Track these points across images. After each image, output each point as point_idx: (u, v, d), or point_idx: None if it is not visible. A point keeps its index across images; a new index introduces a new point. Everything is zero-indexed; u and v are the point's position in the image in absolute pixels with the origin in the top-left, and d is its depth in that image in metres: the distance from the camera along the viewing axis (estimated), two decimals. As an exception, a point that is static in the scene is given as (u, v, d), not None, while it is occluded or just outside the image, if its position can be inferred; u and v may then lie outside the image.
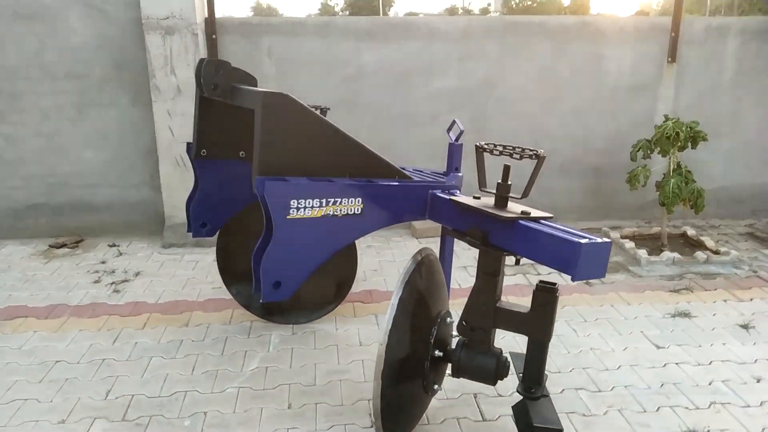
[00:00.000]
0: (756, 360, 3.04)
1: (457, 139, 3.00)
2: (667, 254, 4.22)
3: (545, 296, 2.09)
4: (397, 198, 2.39)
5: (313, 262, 2.26)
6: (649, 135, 4.33)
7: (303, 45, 4.62)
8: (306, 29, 4.60)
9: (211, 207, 2.99)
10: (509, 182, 2.14)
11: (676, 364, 3.01)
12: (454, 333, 2.41)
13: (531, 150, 2.08)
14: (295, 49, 4.62)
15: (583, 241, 1.81)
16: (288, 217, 2.15)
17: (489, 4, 30.24)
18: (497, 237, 2.09)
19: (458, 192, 2.49)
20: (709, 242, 4.44)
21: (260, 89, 2.29)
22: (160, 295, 3.87)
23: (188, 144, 3.04)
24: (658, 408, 2.65)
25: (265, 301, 2.18)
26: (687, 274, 4.10)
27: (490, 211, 2.07)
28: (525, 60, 4.75)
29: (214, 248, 3.48)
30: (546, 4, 25.75)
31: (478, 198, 2.27)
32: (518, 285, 3.96)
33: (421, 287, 2.24)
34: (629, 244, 4.45)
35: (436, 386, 2.37)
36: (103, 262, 4.39)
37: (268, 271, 2.16)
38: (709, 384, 2.84)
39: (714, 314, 3.55)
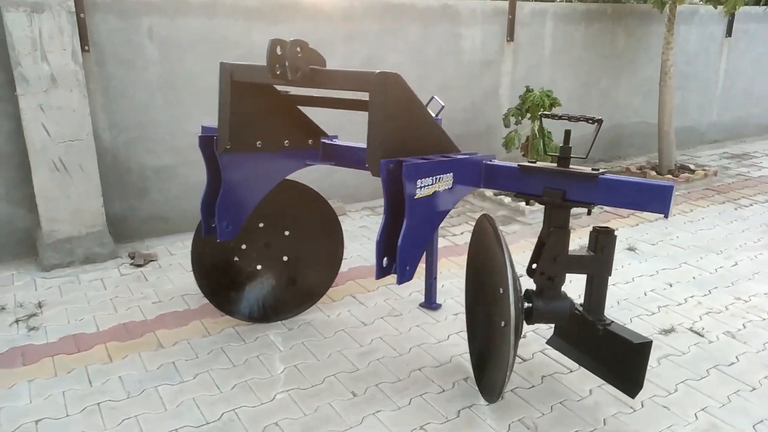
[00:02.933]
0: (657, 271, 3.98)
1: (437, 115, 3.22)
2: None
3: (606, 238, 2.51)
4: (469, 170, 2.54)
5: (426, 240, 2.31)
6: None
7: (188, 25, 4.19)
8: (191, 7, 4.18)
9: (235, 205, 2.69)
10: (570, 145, 2.50)
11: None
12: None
13: (589, 116, 2.46)
14: (179, 30, 4.17)
15: (670, 184, 2.27)
16: (415, 197, 2.16)
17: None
18: (575, 193, 2.43)
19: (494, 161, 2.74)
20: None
21: (365, 70, 2.19)
22: (94, 322, 3.28)
23: (205, 137, 2.66)
24: (631, 319, 3.34)
25: (400, 283, 2.18)
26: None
27: (575, 171, 2.40)
28: (399, 40, 5.07)
29: (113, 261, 3.10)
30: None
31: (534, 162, 2.57)
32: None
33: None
34: (507, 200, 5.19)
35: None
36: (-23, 300, 3.49)
37: (403, 254, 2.15)
38: (645, 294, 3.65)
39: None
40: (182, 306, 3.49)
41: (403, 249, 2.15)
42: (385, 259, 2.21)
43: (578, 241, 4.31)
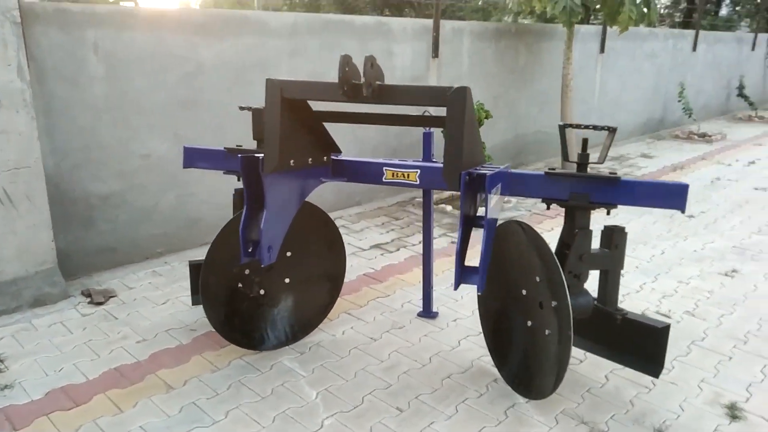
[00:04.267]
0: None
1: (428, 129, 3.33)
2: (481, 209, 5.34)
3: (620, 236, 2.78)
4: (505, 179, 2.66)
5: (489, 251, 2.39)
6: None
7: (135, 39, 3.88)
8: (137, 21, 3.87)
9: (276, 227, 2.54)
10: (587, 152, 2.73)
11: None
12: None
13: (605, 126, 2.72)
14: (126, 45, 3.85)
15: (685, 183, 2.58)
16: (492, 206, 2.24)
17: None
18: (598, 196, 2.65)
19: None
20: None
21: (437, 85, 2.22)
22: (77, 371, 2.93)
23: (249, 158, 2.49)
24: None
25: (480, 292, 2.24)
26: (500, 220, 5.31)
27: (597, 175, 2.63)
28: (338, 55, 5.08)
29: (66, 301, 2.90)
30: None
31: (554, 169, 2.77)
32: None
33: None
34: (449, 208, 5.42)
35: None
36: None
37: (484, 263, 2.21)
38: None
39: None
40: (172, 342, 3.22)
41: (485, 259, 2.22)
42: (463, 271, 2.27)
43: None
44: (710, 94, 11.75)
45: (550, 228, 5.21)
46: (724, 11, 20.52)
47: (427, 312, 3.55)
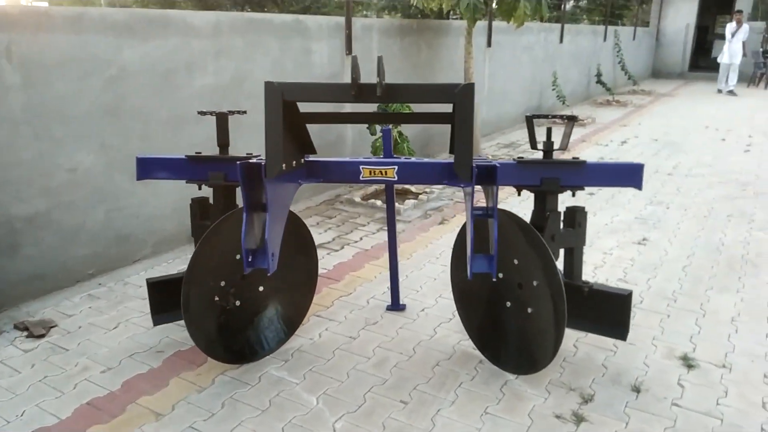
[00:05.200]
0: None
1: (388, 126, 3.40)
2: (408, 201, 5.50)
3: (581, 214, 3.04)
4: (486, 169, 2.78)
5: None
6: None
7: (53, 43, 3.51)
8: (54, 22, 3.50)
9: (276, 233, 2.44)
10: (552, 140, 2.95)
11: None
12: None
13: (566, 116, 2.95)
14: (43, 49, 3.47)
15: (640, 164, 2.87)
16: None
17: None
18: (567, 179, 2.87)
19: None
20: (412, 189, 5.95)
21: (443, 83, 2.26)
22: (45, 412, 2.66)
23: (250, 164, 2.36)
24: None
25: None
26: (429, 210, 5.50)
27: (565, 160, 2.85)
28: (262, 55, 4.96)
29: (3, 335, 2.95)
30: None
31: (521, 158, 2.96)
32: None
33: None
34: (379, 203, 5.50)
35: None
36: None
37: (495, 250, 2.32)
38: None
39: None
40: (142, 367, 3.01)
41: (496, 246, 2.33)
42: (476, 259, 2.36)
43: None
44: (576, 81, 12.89)
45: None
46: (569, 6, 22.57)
47: (396, 305, 3.62)
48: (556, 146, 2.98)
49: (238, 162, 2.40)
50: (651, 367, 3.04)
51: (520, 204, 5.10)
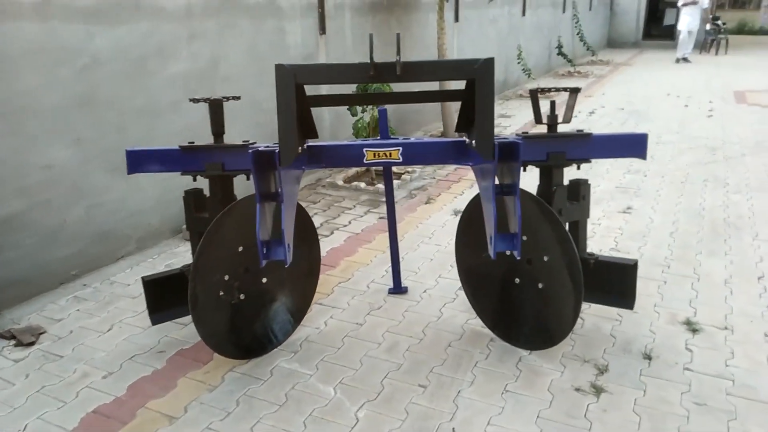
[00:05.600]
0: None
1: (383, 107, 3.32)
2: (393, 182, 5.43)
3: (585, 188, 3.03)
4: None
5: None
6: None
7: (20, 31, 3.27)
8: (21, 9, 3.26)
9: (290, 222, 2.33)
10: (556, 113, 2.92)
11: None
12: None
13: (568, 87, 2.92)
14: (10, 39, 3.23)
15: (644, 133, 2.86)
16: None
17: None
18: (573, 153, 2.85)
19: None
20: (393, 169, 5.87)
21: (463, 58, 2.18)
22: (50, 425, 2.53)
23: (263, 152, 2.23)
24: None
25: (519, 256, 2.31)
26: (413, 190, 5.44)
27: (571, 133, 2.82)
28: (236, 37, 4.77)
29: None
30: None
31: (526, 132, 2.92)
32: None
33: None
34: (362, 185, 5.42)
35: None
36: None
37: (519, 229, 2.29)
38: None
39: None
40: (146, 369, 2.88)
41: (519, 224, 2.30)
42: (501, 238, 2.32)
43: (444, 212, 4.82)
44: (538, 54, 12.96)
45: (461, 192, 5.47)
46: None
47: (398, 288, 3.57)
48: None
49: (249, 150, 2.28)
50: (657, 333, 3.09)
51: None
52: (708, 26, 17.18)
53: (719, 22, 17.92)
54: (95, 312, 3.43)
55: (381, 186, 5.39)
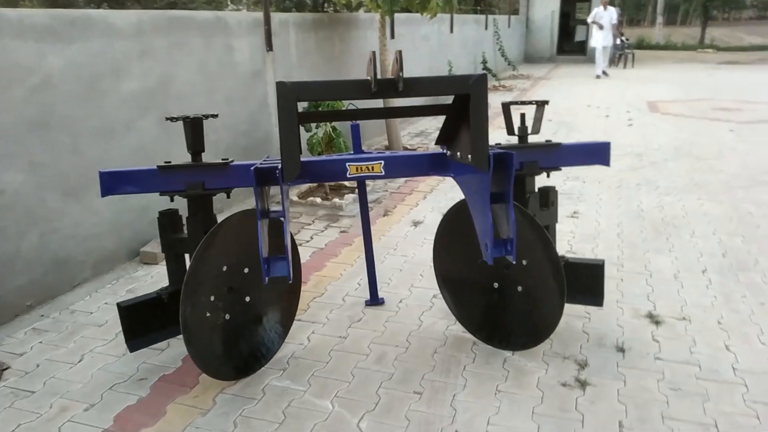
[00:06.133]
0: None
1: (355, 122, 3.37)
2: (348, 195, 5.47)
3: (553, 194, 3.21)
4: None
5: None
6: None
7: (-31, 49, 3.09)
8: (-32, 26, 3.08)
9: (288, 238, 2.31)
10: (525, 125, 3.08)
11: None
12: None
13: (536, 100, 3.09)
14: (-43, 57, 3.04)
15: (607, 142, 3.08)
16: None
17: None
18: (545, 161, 3.03)
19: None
20: (346, 183, 5.92)
21: (458, 74, 2.26)
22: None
23: (263, 168, 2.19)
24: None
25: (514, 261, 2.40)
26: (369, 204, 5.50)
27: (542, 143, 2.99)
28: (187, 55, 4.67)
29: None
30: None
31: (499, 144, 3.06)
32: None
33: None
34: (318, 200, 5.42)
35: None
36: None
37: (514, 235, 2.39)
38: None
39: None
40: (129, 399, 2.77)
41: (514, 231, 2.40)
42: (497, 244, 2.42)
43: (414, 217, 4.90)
44: (465, 68, 13.42)
45: (415, 203, 5.59)
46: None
47: (375, 300, 3.61)
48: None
49: (252, 167, 2.27)
50: (625, 327, 3.30)
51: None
52: (618, 41, 18.37)
53: (624, 38, 19.28)
54: (60, 343, 3.25)
55: (337, 200, 5.42)
